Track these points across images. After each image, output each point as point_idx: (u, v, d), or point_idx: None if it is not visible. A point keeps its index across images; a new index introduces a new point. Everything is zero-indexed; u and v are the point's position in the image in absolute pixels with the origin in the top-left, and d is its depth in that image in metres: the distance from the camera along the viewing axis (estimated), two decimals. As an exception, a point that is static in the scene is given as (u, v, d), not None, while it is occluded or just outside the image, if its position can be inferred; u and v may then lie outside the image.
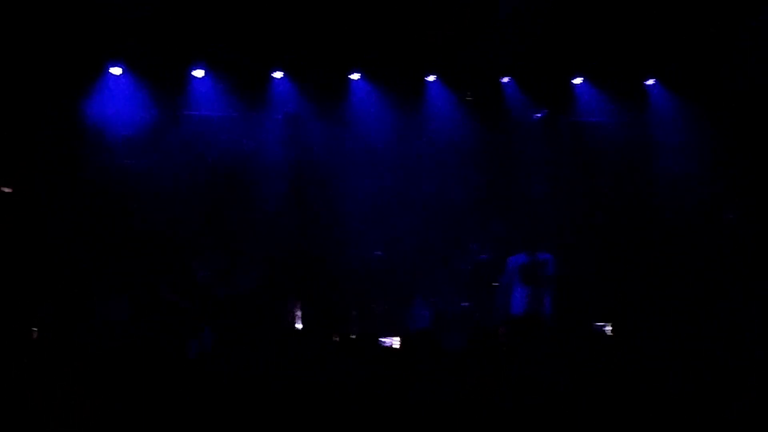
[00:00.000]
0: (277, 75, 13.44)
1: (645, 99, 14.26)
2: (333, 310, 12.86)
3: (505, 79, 14.00)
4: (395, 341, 11.23)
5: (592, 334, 12.23)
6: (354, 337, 11.82)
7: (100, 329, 11.14)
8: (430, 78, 13.89)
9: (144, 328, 11.18)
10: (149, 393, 7.23)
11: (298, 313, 12.76)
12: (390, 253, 13.61)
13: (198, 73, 13.10)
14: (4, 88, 12.28)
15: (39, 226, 12.33)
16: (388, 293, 13.22)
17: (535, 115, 14.19)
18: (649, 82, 14.20)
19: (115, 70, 12.74)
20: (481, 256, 13.55)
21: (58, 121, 12.63)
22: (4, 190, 12.47)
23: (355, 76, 13.69)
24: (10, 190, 12.51)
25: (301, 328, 12.60)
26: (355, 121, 13.82)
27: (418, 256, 13.57)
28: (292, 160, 13.57)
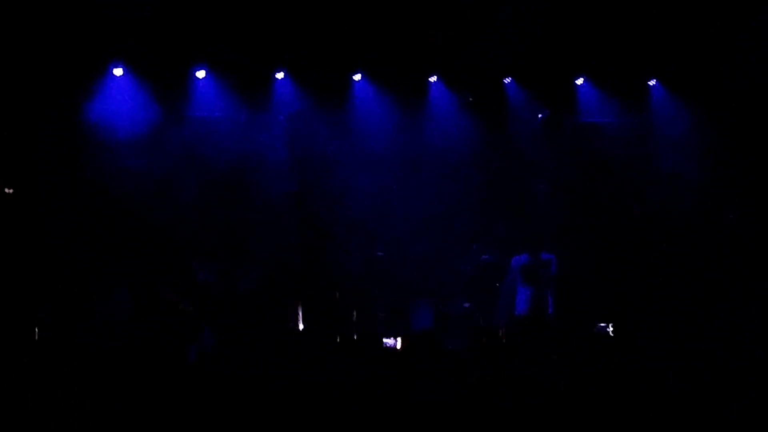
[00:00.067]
0: (279, 75, 13.45)
1: (646, 99, 14.26)
2: (334, 311, 12.85)
3: (507, 80, 14.01)
4: (398, 342, 11.21)
5: (594, 334, 12.21)
6: (355, 337, 11.79)
7: (100, 329, 11.12)
8: (432, 79, 13.91)
9: (144, 328, 11.17)
10: (149, 393, 7.21)
11: (300, 313, 12.75)
12: (392, 254, 13.61)
13: (200, 73, 13.11)
14: (6, 88, 12.29)
15: (40, 226, 12.34)
16: (389, 294, 13.21)
17: (538, 115, 14.20)
18: (651, 82, 14.21)
19: (116, 70, 12.76)
20: (483, 256, 13.54)
21: (59, 121, 12.65)
22: (5, 190, 12.47)
23: (357, 77, 13.71)
24: (11, 190, 12.51)
25: (302, 329, 12.59)
26: (357, 121, 13.83)
27: (420, 257, 13.56)
28: (293, 160, 13.57)
